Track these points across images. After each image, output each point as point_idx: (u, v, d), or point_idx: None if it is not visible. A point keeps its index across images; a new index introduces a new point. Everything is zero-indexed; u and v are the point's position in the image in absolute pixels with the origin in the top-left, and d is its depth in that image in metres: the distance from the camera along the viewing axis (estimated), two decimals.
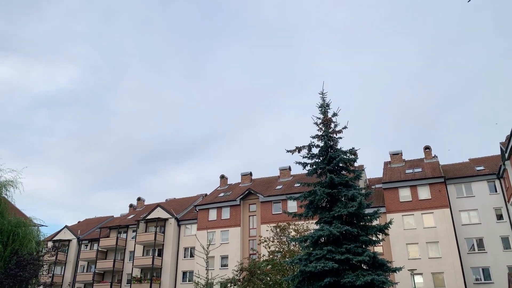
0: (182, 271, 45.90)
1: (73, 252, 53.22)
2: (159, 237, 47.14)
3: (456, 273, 33.45)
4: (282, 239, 32.68)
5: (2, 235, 20.75)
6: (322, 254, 15.45)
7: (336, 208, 16.68)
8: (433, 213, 35.98)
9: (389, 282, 15.47)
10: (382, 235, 17.55)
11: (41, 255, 22.27)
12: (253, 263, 22.60)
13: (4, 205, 22.33)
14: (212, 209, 46.51)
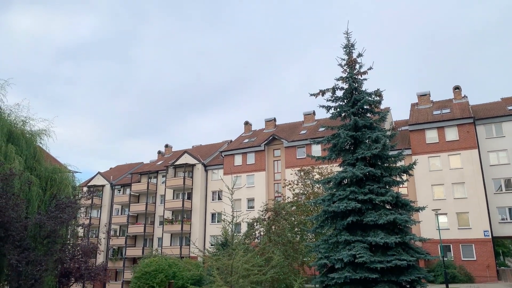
0: (211, 213, 47.94)
1: (107, 197, 56.07)
2: (188, 181, 48.87)
3: (482, 213, 33.56)
4: (306, 182, 33.31)
5: (40, 181, 21.93)
6: (345, 194, 15.72)
7: (359, 150, 16.69)
8: (460, 154, 35.50)
9: (412, 221, 15.71)
10: (406, 176, 17.57)
11: (77, 199, 23.56)
12: (278, 205, 23.30)
13: (40, 153, 23.38)
14: (237, 154, 47.39)
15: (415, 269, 14.93)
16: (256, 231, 21.58)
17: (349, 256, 14.24)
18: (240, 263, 7.27)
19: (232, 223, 8.15)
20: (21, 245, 18.57)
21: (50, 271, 19.78)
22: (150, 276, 35.92)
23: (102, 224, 53.46)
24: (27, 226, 18.88)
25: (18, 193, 19.16)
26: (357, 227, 15.58)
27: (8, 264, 18.32)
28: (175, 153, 57.85)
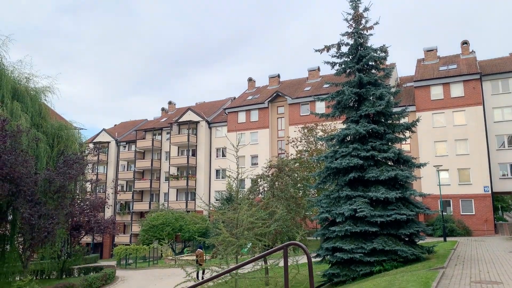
0: (215, 169, 48.71)
1: (113, 153, 56.85)
2: (192, 138, 49.28)
3: (483, 169, 33.95)
4: (310, 139, 33.56)
5: (47, 138, 22.35)
6: (347, 151, 15.91)
7: (363, 107, 16.69)
8: (465, 110, 35.35)
9: (413, 177, 15.99)
10: (409, 133, 17.68)
11: (84, 155, 24.06)
12: (282, 161, 23.67)
13: (45, 110, 23.63)
14: (241, 112, 47.39)
15: (414, 223, 15.39)
16: (260, 187, 22.08)
17: (350, 210, 14.66)
18: (245, 216, 7.59)
19: (237, 179, 8.40)
20: (32, 199, 19.20)
21: (61, 224, 20.56)
22: (157, 229, 37.23)
23: (109, 179, 54.58)
24: (37, 181, 19.43)
25: (26, 149, 19.56)
26: (359, 183, 15.91)
27: (21, 218, 19.05)
28: (179, 110, 57.90)
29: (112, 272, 25.23)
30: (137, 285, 22.90)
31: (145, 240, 37.37)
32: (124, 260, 34.12)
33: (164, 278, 24.15)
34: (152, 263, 34.12)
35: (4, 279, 21.93)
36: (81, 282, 21.75)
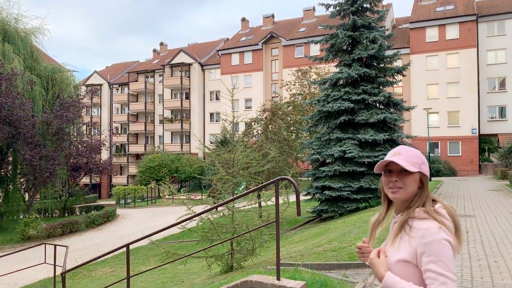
0: (209, 113, 49.05)
1: (106, 96, 56.61)
2: (185, 81, 49.02)
3: (472, 112, 34.70)
4: (303, 82, 33.71)
5: (42, 81, 22.34)
6: (339, 95, 16.32)
7: (356, 51, 16.85)
8: (459, 53, 35.34)
9: (402, 119, 16.59)
10: (400, 76, 18.00)
11: (81, 98, 24.20)
12: (275, 105, 24.05)
13: (37, 52, 23.35)
14: (235, 53, 46.79)
15: None
16: (253, 130, 22.65)
17: (340, 151, 15.38)
18: (241, 156, 8.18)
19: (233, 122, 8.86)
20: (32, 141, 19.70)
21: (62, 165, 21.25)
22: (154, 171, 38.30)
23: (103, 122, 54.87)
24: (35, 124, 19.80)
25: (22, 92, 19.69)
26: (349, 126, 16.51)
27: (23, 159, 19.66)
28: (171, 52, 56.92)
29: (113, 210, 26.45)
30: (138, 221, 24.16)
31: (142, 181, 38.58)
32: (123, 200, 35.47)
33: (163, 215, 25.44)
34: (151, 202, 35.55)
35: (10, 217, 23.00)
36: (84, 219, 22.91)
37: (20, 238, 19.91)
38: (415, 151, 1.82)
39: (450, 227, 1.67)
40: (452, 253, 1.61)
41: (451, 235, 1.64)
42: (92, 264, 13.00)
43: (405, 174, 1.75)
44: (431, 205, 1.73)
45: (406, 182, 1.76)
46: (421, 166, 1.78)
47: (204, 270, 8.40)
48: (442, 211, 1.72)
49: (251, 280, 4.41)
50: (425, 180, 1.79)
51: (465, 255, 6.45)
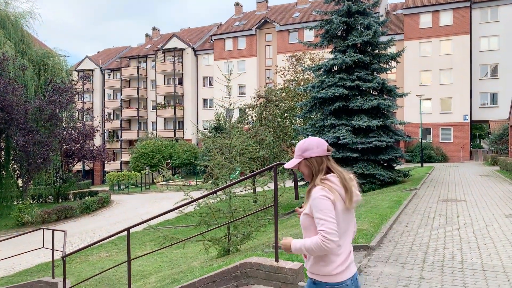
0: (202, 99, 48.87)
1: (98, 81, 56.05)
2: (178, 66, 48.65)
3: (464, 98, 35.01)
4: (297, 68, 33.62)
5: (33, 66, 22.08)
6: (333, 81, 16.39)
7: (351, 37, 16.88)
8: (452, 40, 35.45)
9: (395, 106, 16.73)
10: (394, 63, 18.09)
11: (74, 83, 23.97)
12: (269, 91, 24.02)
13: (28, 37, 23.01)
14: (228, 39, 46.45)
15: (393, 149, 16.44)
16: (248, 116, 22.68)
17: (334, 138, 15.52)
18: (237, 142, 8.27)
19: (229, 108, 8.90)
20: (25, 127, 19.58)
21: (55, 151, 21.17)
22: (147, 157, 38.27)
23: (96, 108, 54.46)
24: (28, 110, 19.66)
25: (14, 78, 19.48)
26: (343, 112, 16.63)
27: (17, 145, 19.56)
28: (164, 37, 56.32)
29: (107, 196, 26.51)
30: (133, 207, 24.27)
31: (136, 167, 38.58)
32: (117, 186, 35.50)
33: (157, 201, 25.56)
34: (145, 188, 35.62)
35: (4, 203, 22.97)
36: (79, 205, 22.96)
37: (14, 224, 19.95)
38: (299, 144, 2.47)
39: (337, 189, 2.31)
40: (330, 204, 2.24)
41: (330, 193, 2.27)
42: (88, 249, 13.11)
43: (297, 165, 2.46)
44: (320, 177, 2.36)
45: (301, 169, 2.46)
46: (302, 154, 2.44)
47: (201, 254, 8.55)
48: (333, 179, 2.35)
49: (250, 261, 4.55)
50: (310, 162, 2.42)
51: (455, 238, 6.65)
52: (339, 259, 2.29)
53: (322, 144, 2.42)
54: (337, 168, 2.42)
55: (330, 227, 2.18)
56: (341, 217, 2.28)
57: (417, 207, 9.87)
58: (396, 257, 5.55)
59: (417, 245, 6.25)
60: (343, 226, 2.31)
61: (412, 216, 8.67)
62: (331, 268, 2.29)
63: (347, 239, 2.37)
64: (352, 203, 2.32)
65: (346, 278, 2.32)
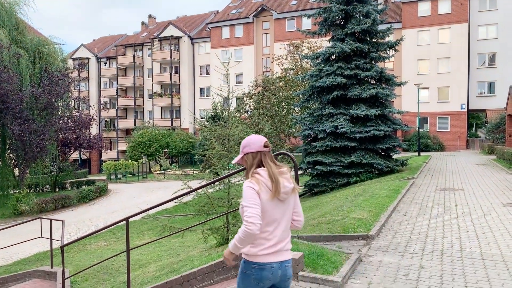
0: (199, 87, 48.58)
1: (93, 70, 55.56)
2: (174, 55, 48.25)
3: (461, 87, 34.99)
4: (295, 57, 33.43)
5: (28, 54, 21.78)
6: (332, 70, 16.29)
7: (349, 25, 16.73)
8: (450, 28, 35.28)
9: (393, 95, 16.67)
10: (392, 51, 17.98)
11: (69, 71, 23.70)
12: (267, 80, 23.92)
13: (22, 24, 22.65)
14: (225, 27, 46.03)
15: (391, 138, 16.43)
16: (246, 105, 22.59)
17: (332, 127, 15.49)
18: (236, 131, 8.21)
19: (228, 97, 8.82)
20: (21, 116, 19.41)
21: (52, 140, 21.02)
22: (144, 146, 38.13)
23: (92, 96, 54.08)
24: (23, 98, 19.46)
25: (9, 66, 19.23)
26: (341, 101, 16.56)
27: (12, 134, 19.40)
28: (160, 24, 55.74)
29: (104, 185, 26.46)
30: (130, 196, 24.26)
31: (133, 156, 38.45)
32: (114, 175, 35.43)
33: (155, 190, 25.56)
34: (142, 177, 35.58)
35: (0, 192, 22.88)
36: (76, 194, 22.90)
37: (12, 213, 19.90)
38: (242, 142, 2.72)
39: (264, 181, 2.52)
40: (254, 193, 2.47)
41: (256, 184, 2.50)
42: (87, 238, 13.10)
43: (240, 160, 2.70)
44: (252, 171, 2.60)
45: (243, 164, 2.72)
46: (243, 150, 2.69)
47: (199, 243, 8.55)
48: (262, 173, 2.57)
49: None
50: (246, 157, 2.66)
51: (454, 227, 6.67)
52: (268, 243, 2.54)
53: (259, 141, 2.66)
54: (268, 162, 2.62)
55: (251, 211, 2.41)
56: (269, 206, 2.52)
57: (415, 196, 9.89)
58: (395, 246, 5.56)
59: (416, 234, 6.26)
60: (273, 215, 2.55)
61: (411, 205, 8.69)
62: (258, 249, 2.54)
63: (280, 227, 2.59)
64: (279, 193, 2.53)
65: (272, 261, 2.57)
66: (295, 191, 2.68)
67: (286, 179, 2.61)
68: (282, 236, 2.60)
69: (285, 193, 2.58)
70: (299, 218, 2.74)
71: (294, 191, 2.68)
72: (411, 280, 4.28)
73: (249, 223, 2.38)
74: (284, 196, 2.58)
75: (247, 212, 2.42)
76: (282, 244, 2.60)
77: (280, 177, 2.57)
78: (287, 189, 2.59)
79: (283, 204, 2.60)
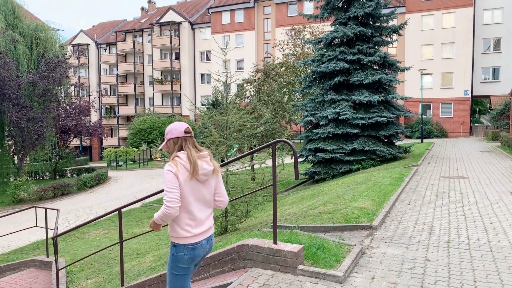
0: (200, 74, 48.09)
1: (93, 56, 55.02)
2: (175, 40, 47.66)
3: (466, 73, 34.46)
4: (297, 42, 32.92)
5: (25, 39, 21.39)
6: (334, 55, 15.91)
7: (352, 9, 16.29)
8: (455, 12, 34.60)
9: (397, 80, 16.32)
10: (396, 36, 17.56)
11: (67, 57, 23.34)
12: (268, 65, 23.50)
13: (19, 9, 22.20)
14: (225, 12, 45.34)
15: (394, 125, 16.13)
16: (246, 92, 22.25)
17: (334, 113, 15.18)
18: (234, 118, 7.95)
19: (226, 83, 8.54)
20: (18, 103, 19.14)
21: (50, 127, 20.79)
22: (145, 133, 37.90)
23: (91, 83, 53.68)
24: (21, 85, 19.17)
25: (5, 52, 18.89)
26: (344, 87, 16.22)
27: (10, 121, 19.17)
28: (159, 10, 54.99)
29: (104, 172, 26.31)
30: (131, 184, 24.12)
31: (133, 143, 38.24)
32: (114, 162, 35.30)
33: (155, 177, 25.40)
34: (143, 164, 35.44)
35: (0, 179, 22.77)
36: (75, 181, 22.76)
37: (11, 201, 19.79)
38: (166, 129, 2.92)
39: (183, 163, 2.73)
40: (172, 176, 2.69)
41: (174, 167, 2.71)
42: (85, 226, 12.97)
43: (165, 145, 2.92)
44: (174, 154, 2.80)
45: (167, 149, 2.93)
46: (166, 137, 2.92)
47: None
48: (182, 156, 2.78)
49: (247, 244, 4.32)
50: (169, 143, 2.89)
51: (460, 217, 6.44)
52: (193, 223, 2.79)
53: (180, 127, 2.87)
54: (188, 146, 2.82)
55: (169, 196, 2.65)
56: (188, 186, 2.74)
57: (418, 184, 9.65)
58: (399, 237, 5.34)
59: (421, 224, 6.03)
60: (194, 194, 2.78)
61: (414, 194, 8.45)
62: (186, 232, 2.79)
63: (201, 206, 2.83)
64: (197, 174, 2.74)
65: (201, 239, 2.85)
66: (216, 172, 2.88)
67: (206, 161, 2.83)
68: (204, 214, 2.86)
69: (204, 175, 2.79)
70: (221, 199, 2.97)
71: (215, 172, 2.88)
72: (417, 274, 4.06)
73: (168, 207, 2.65)
74: (203, 178, 2.80)
75: (166, 196, 2.66)
76: (207, 223, 2.89)
77: (199, 160, 2.78)
78: (206, 171, 2.80)
79: (203, 185, 2.82)
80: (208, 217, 2.90)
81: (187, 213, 2.77)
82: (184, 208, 2.75)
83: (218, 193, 2.95)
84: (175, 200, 2.65)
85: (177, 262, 2.84)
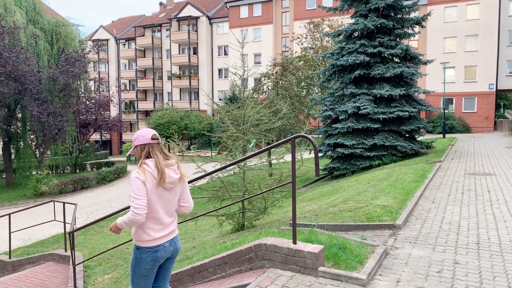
0: (217, 68, 48.05)
1: (112, 51, 55.57)
2: (193, 35, 47.68)
3: (490, 66, 33.39)
4: (315, 35, 32.45)
5: (46, 35, 21.67)
6: (354, 48, 15.53)
7: (373, 0, 15.85)
8: (479, 3, 33.50)
9: (419, 74, 15.83)
10: (419, 28, 17.03)
11: (86, 52, 23.55)
12: (286, 59, 23.20)
13: (40, 4, 22.48)
14: (243, 5, 45.07)
15: (416, 119, 15.68)
16: (264, 86, 22.02)
17: (354, 108, 14.85)
18: (251, 113, 7.77)
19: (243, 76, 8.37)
20: (39, 97, 19.40)
21: (70, 122, 21.04)
22: (163, 128, 38.11)
23: (111, 78, 54.26)
24: (41, 79, 19.42)
25: (26, 47, 19.14)
26: (364, 81, 15.84)
27: (31, 116, 19.46)
28: (178, 5, 55.07)
29: (123, 166, 26.56)
30: None
31: None
32: (133, 157, 35.61)
33: None
34: None
35: (23, 173, 23.21)
36: (95, 175, 23.03)
37: (32, 194, 20.15)
38: (133, 136, 2.94)
39: (150, 171, 2.78)
40: (140, 184, 2.74)
41: (142, 174, 2.76)
42: (103, 220, 13.04)
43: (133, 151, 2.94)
44: (141, 161, 2.85)
45: (135, 155, 2.96)
46: (133, 143, 2.95)
47: (215, 228, 8.25)
48: (150, 163, 2.82)
49: (265, 243, 4.15)
50: (135, 150, 2.92)
51: (489, 216, 6.13)
52: (157, 227, 2.87)
53: (146, 134, 2.91)
54: (156, 153, 2.87)
55: (137, 203, 2.71)
56: (155, 193, 2.80)
57: (442, 181, 9.31)
58: (425, 238, 5.08)
59: (447, 223, 5.76)
60: (160, 201, 2.84)
61: (439, 191, 8.13)
62: (149, 236, 2.85)
63: (166, 212, 2.91)
64: (164, 182, 2.79)
65: (164, 241, 2.92)
66: (182, 180, 2.95)
67: (173, 170, 2.88)
68: (169, 219, 2.94)
69: (171, 183, 2.86)
70: (186, 204, 3.06)
71: (182, 180, 2.94)
72: (446, 278, 3.82)
73: (135, 214, 2.69)
74: (170, 186, 2.86)
75: (133, 203, 2.71)
76: (171, 227, 2.97)
77: (166, 168, 2.83)
78: (173, 179, 2.87)
79: (169, 192, 2.89)
80: (172, 222, 2.99)
81: (152, 219, 2.84)
82: (149, 214, 2.81)
83: (184, 199, 3.05)
84: (142, 207, 2.71)
85: (140, 263, 2.92)
